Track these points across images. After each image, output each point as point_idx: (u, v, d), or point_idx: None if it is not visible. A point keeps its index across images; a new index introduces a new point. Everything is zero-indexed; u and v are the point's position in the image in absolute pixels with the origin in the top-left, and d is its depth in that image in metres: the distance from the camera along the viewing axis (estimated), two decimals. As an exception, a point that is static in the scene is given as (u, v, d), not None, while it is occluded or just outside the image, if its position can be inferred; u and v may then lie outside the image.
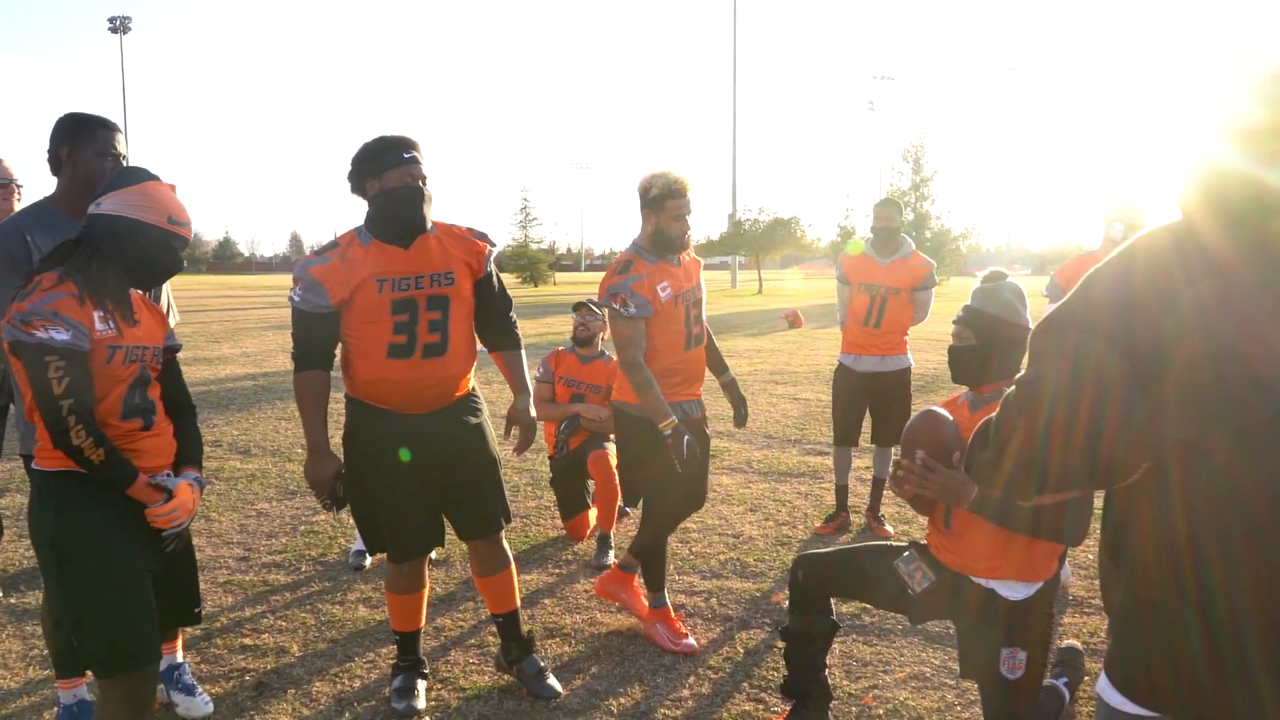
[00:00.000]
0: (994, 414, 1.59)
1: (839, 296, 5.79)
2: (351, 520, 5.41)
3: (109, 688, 2.54)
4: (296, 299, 3.23)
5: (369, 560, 4.95)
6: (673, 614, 4.09)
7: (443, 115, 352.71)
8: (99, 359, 2.48)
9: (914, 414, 3.04)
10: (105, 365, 2.49)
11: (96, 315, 2.48)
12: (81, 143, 3.10)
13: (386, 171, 3.20)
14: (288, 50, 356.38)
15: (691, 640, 3.99)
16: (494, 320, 3.53)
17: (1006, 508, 2.72)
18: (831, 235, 46.76)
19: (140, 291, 2.74)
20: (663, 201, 3.83)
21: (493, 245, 3.49)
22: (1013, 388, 1.53)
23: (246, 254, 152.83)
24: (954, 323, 3.03)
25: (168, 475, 2.65)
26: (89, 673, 2.62)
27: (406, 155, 3.21)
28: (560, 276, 70.50)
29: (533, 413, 3.60)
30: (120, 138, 3.17)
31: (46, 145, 3.15)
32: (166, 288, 3.52)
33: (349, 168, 3.28)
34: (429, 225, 3.30)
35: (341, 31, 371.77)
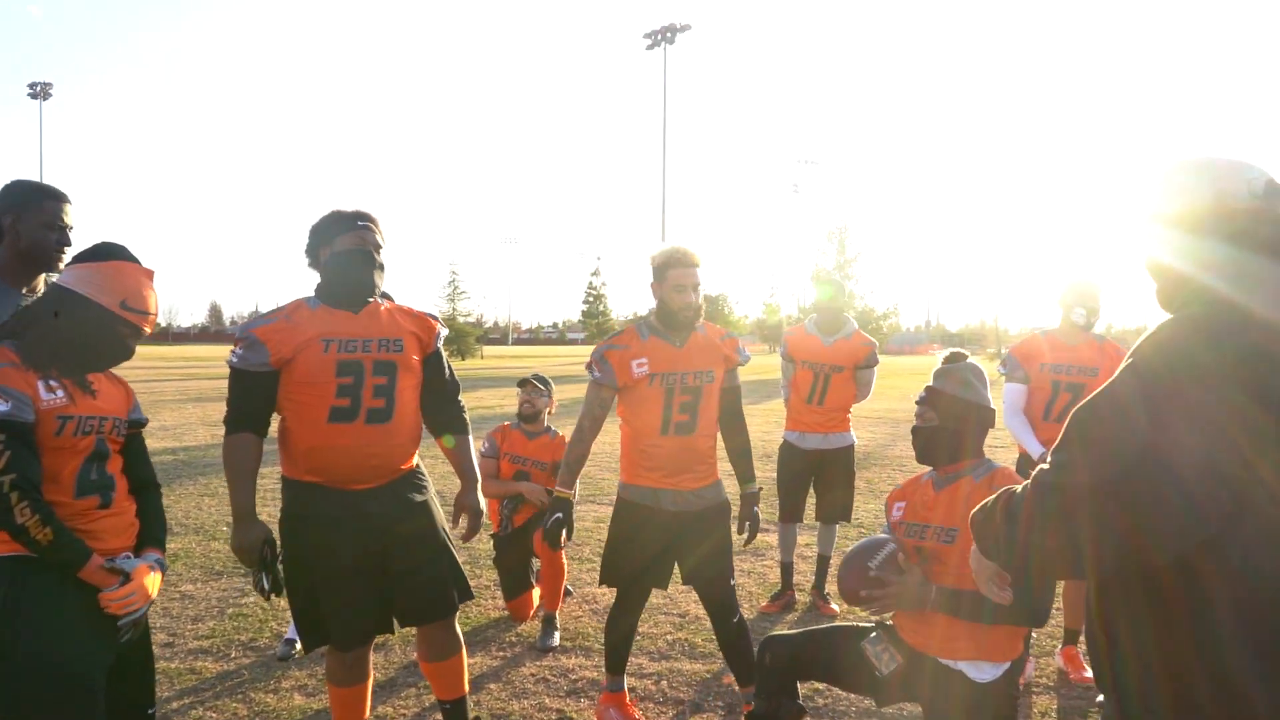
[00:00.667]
0: (1005, 496, 1.61)
1: (783, 374, 5.85)
2: (285, 604, 5.20)
3: None
4: (235, 360, 3.11)
5: (296, 650, 4.72)
6: (627, 699, 3.97)
7: (371, 189, 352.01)
8: (47, 430, 2.33)
9: (850, 545, 3.09)
10: (55, 437, 2.35)
11: (41, 384, 2.34)
12: (26, 213, 2.94)
13: (339, 235, 3.18)
14: (208, 118, 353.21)
15: None
16: (443, 403, 3.43)
17: (975, 603, 2.75)
18: (758, 313, 47.65)
19: None
20: (665, 271, 3.75)
21: (443, 327, 3.45)
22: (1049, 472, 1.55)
23: (164, 324, 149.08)
24: (916, 403, 3.07)
25: (126, 557, 2.48)
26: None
27: (360, 223, 3.20)
28: (488, 350, 70.20)
29: (482, 502, 3.48)
30: (69, 209, 3.03)
31: None
32: None
33: (306, 239, 3.24)
34: (377, 292, 3.25)
35: (264, 101, 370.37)
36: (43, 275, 2.97)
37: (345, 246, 3.16)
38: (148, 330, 2.57)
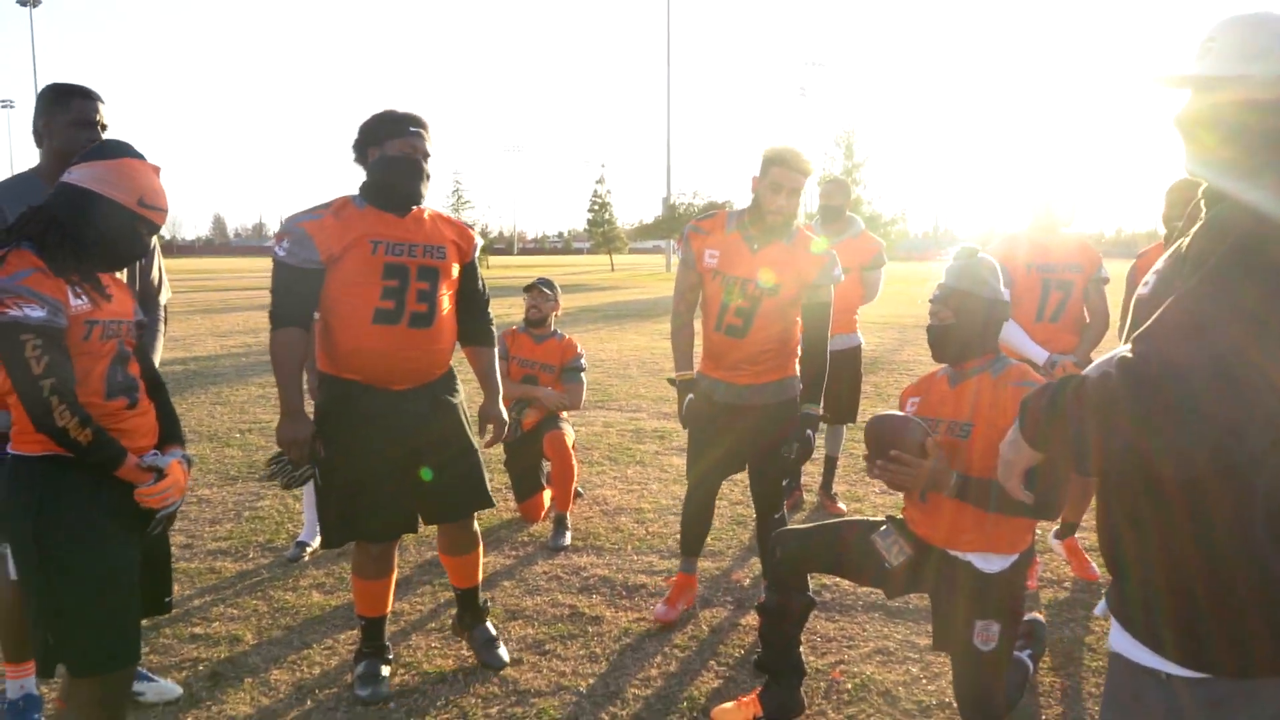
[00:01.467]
0: (1082, 385, 1.49)
1: None
2: (299, 507, 5.29)
3: (81, 688, 2.40)
4: (282, 253, 3.13)
5: (308, 552, 4.81)
6: (681, 580, 4.14)
7: (371, 96, 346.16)
8: (76, 335, 2.34)
9: (874, 414, 3.04)
10: (83, 342, 2.35)
11: (69, 290, 2.34)
12: (56, 113, 2.97)
13: (390, 139, 3.17)
14: (208, 21, 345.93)
15: (662, 608, 4.03)
16: (473, 313, 3.50)
17: (999, 494, 2.74)
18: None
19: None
20: (769, 167, 3.64)
21: (479, 238, 3.50)
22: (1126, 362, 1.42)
23: (167, 237, 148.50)
24: (931, 301, 3.03)
25: (156, 454, 2.52)
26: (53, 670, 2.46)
27: (412, 129, 3.20)
28: (493, 260, 70.00)
29: (504, 413, 3.60)
30: (101, 107, 3.02)
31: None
32: (159, 260, 3.37)
33: (355, 135, 3.25)
34: (423, 199, 3.27)
35: (266, 4, 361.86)
36: None
37: (396, 152, 3.16)
38: (160, 225, 2.56)
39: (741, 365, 3.81)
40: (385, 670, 3.44)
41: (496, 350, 3.62)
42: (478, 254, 3.49)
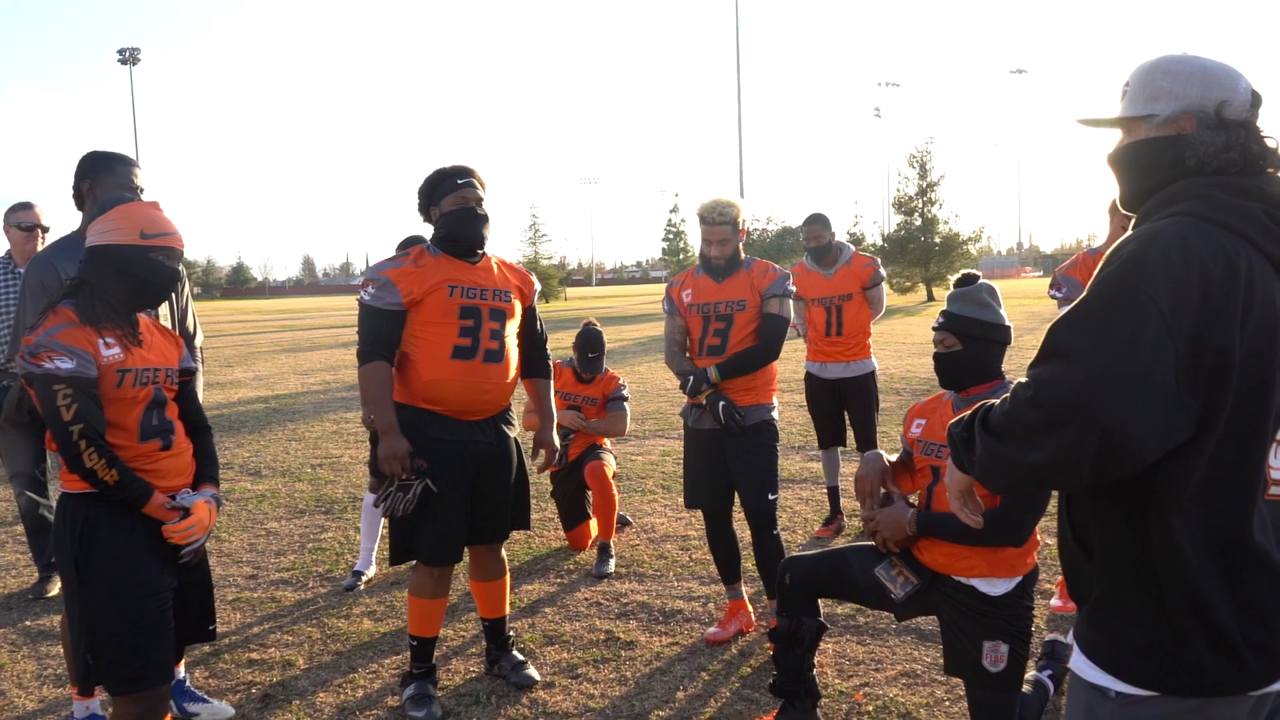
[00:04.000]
0: (983, 411, 1.60)
1: (795, 313, 5.90)
2: (359, 538, 5.53)
3: (120, 706, 2.63)
4: (368, 297, 3.48)
5: (363, 581, 5.05)
6: (746, 605, 4.34)
7: (452, 134, 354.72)
8: (109, 383, 2.56)
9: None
10: (116, 389, 2.58)
11: (100, 342, 2.57)
12: (101, 178, 3.29)
13: (444, 197, 3.56)
14: (296, 74, 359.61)
15: (714, 629, 4.23)
16: (532, 349, 3.83)
17: (957, 524, 2.83)
18: (840, 242, 46.81)
19: (150, 315, 2.85)
20: (699, 225, 4.20)
21: (538, 283, 3.90)
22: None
23: (260, 279, 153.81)
24: (935, 330, 3.10)
25: (186, 493, 2.73)
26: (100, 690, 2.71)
27: (460, 181, 3.57)
28: (571, 292, 70.67)
29: (556, 440, 3.89)
30: (138, 172, 3.36)
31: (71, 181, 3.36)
32: (191, 307, 3.67)
33: (417, 199, 3.65)
34: (486, 241, 3.63)
35: (349, 55, 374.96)
36: None
37: (451, 207, 3.54)
38: (179, 248, 2.74)
39: (728, 386, 4.09)
40: (434, 691, 3.63)
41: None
42: (535, 299, 3.82)
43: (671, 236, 67.45)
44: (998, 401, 1.58)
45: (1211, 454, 1.50)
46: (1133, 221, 1.73)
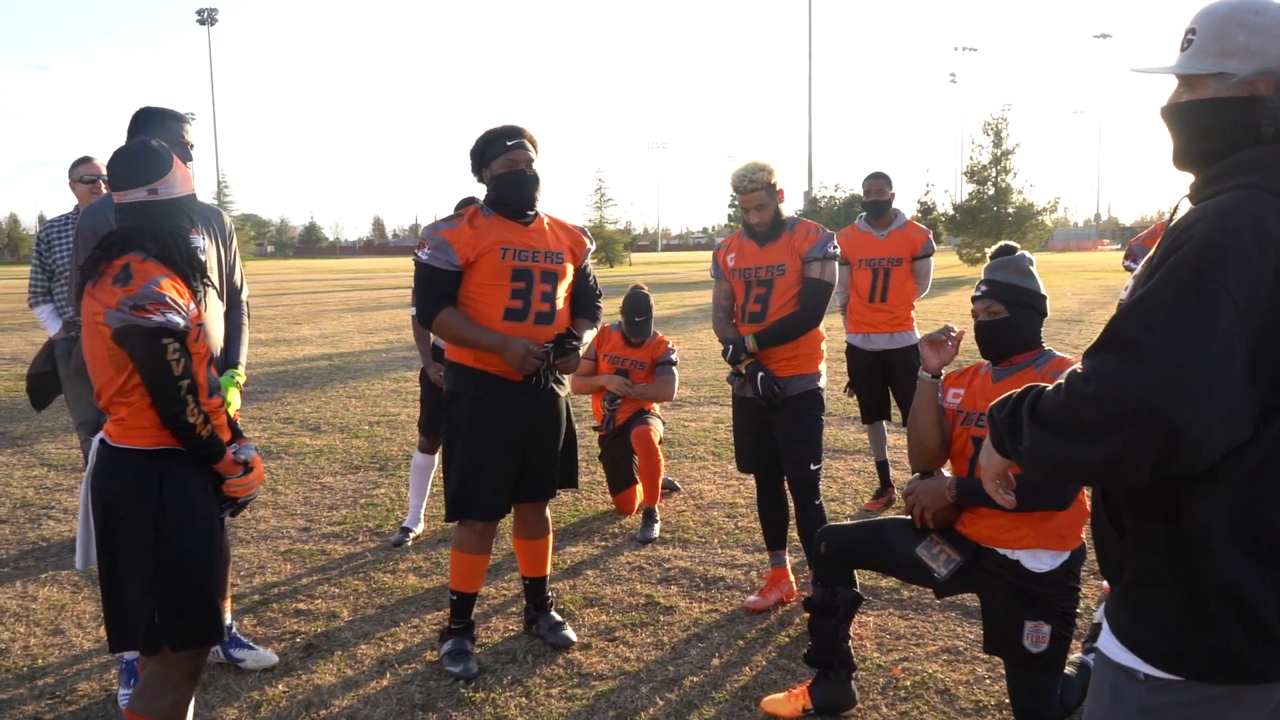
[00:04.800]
0: (1032, 397, 1.51)
1: (838, 278, 5.75)
2: (408, 494, 5.61)
3: (178, 662, 2.56)
4: (425, 256, 3.51)
5: (411, 537, 5.12)
6: (788, 574, 4.31)
7: (523, 98, 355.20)
8: (191, 337, 2.52)
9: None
10: (194, 343, 2.54)
11: (190, 294, 2.54)
12: (153, 133, 3.29)
13: (495, 159, 3.54)
14: (371, 38, 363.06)
15: (754, 598, 4.21)
16: (584, 298, 3.80)
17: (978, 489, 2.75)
18: (911, 210, 46.04)
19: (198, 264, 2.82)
20: (735, 195, 4.15)
21: (592, 243, 3.86)
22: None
23: (331, 239, 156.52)
24: (976, 299, 3.02)
25: (246, 445, 2.72)
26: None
27: (510, 143, 3.53)
28: (636, 257, 70.62)
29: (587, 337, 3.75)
30: (189, 128, 3.38)
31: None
32: (239, 262, 3.70)
33: (470, 160, 3.62)
34: (537, 202, 3.61)
35: (421, 17, 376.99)
36: None
37: (501, 170, 3.53)
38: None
39: (770, 355, 4.01)
40: (471, 647, 3.68)
41: (592, 332, 3.82)
42: (588, 258, 3.80)
43: (737, 203, 66.86)
44: (1049, 388, 1.48)
45: (1270, 444, 1.41)
46: (1192, 186, 1.62)
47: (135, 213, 2.58)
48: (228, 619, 3.64)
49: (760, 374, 3.94)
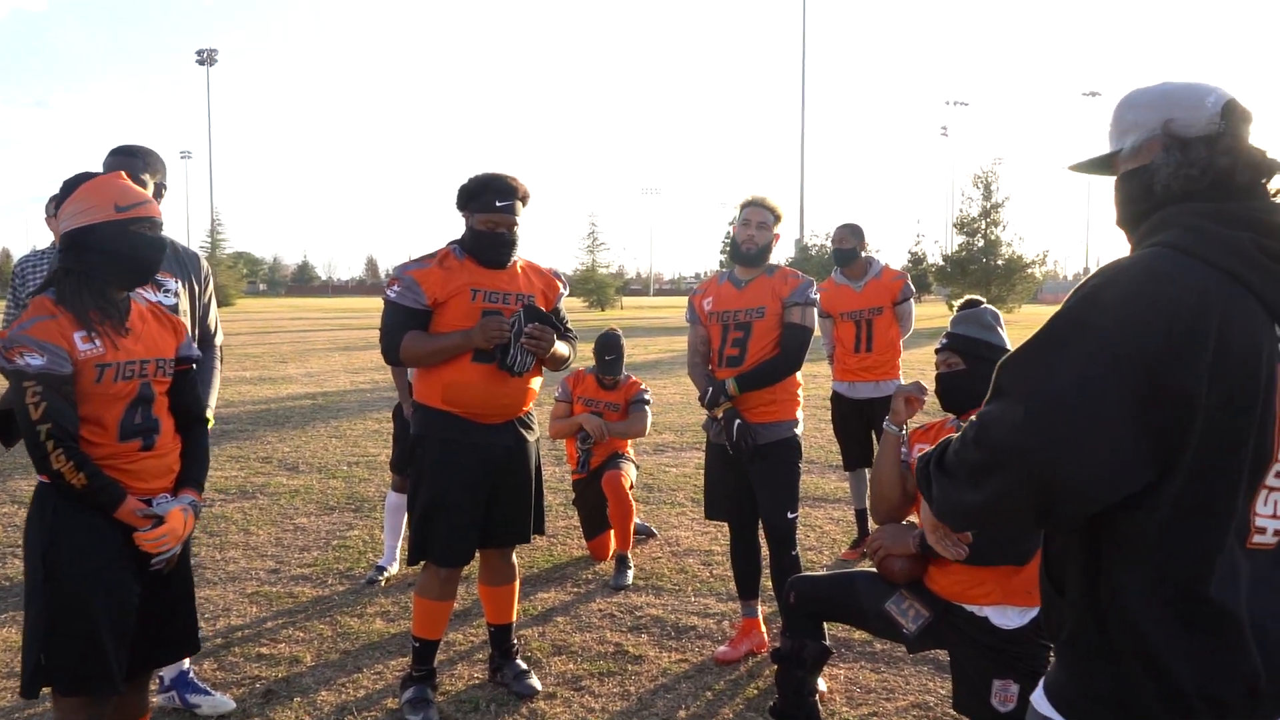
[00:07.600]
0: (940, 449, 1.54)
1: (821, 330, 5.76)
2: (383, 536, 5.54)
3: (72, 708, 2.48)
4: (393, 295, 3.50)
5: (384, 577, 5.06)
6: (760, 625, 4.24)
7: (513, 141, 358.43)
8: (87, 378, 2.42)
9: None
10: (95, 385, 2.44)
11: (78, 335, 2.41)
12: (165, 173, 3.39)
13: (480, 213, 3.49)
14: (368, 80, 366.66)
15: (724, 648, 4.13)
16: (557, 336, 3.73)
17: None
18: (902, 260, 46.37)
19: (165, 306, 2.76)
20: (741, 210, 4.13)
21: (566, 287, 3.84)
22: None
23: (324, 278, 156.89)
24: (938, 351, 3.04)
25: (163, 499, 2.58)
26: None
27: (500, 203, 3.48)
28: (628, 301, 70.78)
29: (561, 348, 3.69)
30: (137, 164, 3.23)
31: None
32: (214, 305, 3.64)
33: (456, 194, 3.59)
34: (508, 264, 3.58)
35: (417, 59, 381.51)
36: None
37: (481, 227, 3.49)
38: (158, 216, 2.57)
39: (746, 400, 3.98)
40: (432, 695, 3.60)
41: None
42: (560, 301, 3.78)
43: (730, 248, 67.30)
44: (956, 438, 1.51)
45: (1173, 502, 1.39)
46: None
47: (60, 251, 2.54)
48: (184, 664, 3.58)
49: (737, 421, 3.91)
